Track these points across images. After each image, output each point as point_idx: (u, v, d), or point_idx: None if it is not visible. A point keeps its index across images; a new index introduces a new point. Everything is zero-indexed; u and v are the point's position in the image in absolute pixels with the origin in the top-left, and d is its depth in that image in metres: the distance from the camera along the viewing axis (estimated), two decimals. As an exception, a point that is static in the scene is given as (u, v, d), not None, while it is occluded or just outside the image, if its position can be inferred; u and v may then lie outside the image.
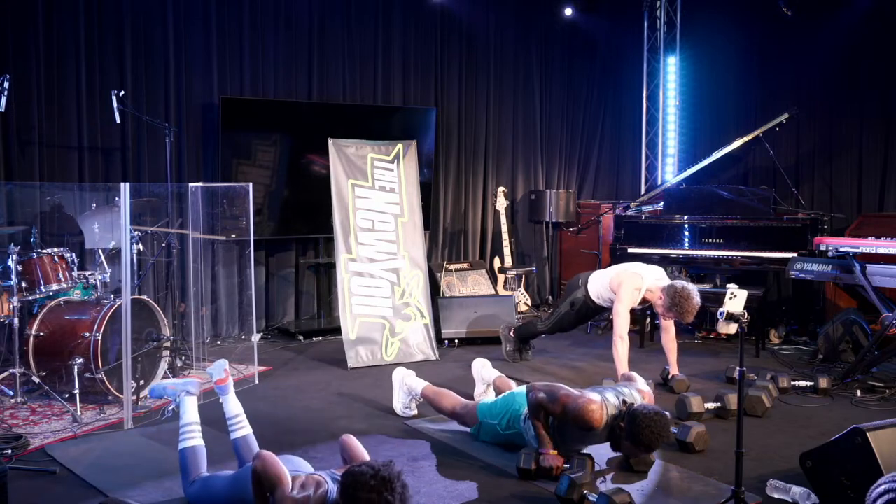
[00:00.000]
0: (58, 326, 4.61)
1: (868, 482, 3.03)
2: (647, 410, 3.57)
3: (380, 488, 2.54)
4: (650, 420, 3.51)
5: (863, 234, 6.01)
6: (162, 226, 5.54)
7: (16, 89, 5.33)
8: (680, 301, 4.63)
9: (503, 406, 3.99)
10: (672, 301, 4.66)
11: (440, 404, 4.30)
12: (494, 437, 4.01)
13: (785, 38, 7.69)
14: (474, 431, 4.12)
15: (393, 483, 2.56)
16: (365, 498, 2.53)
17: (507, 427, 3.93)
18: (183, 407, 3.51)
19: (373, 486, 2.54)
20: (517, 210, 8.49)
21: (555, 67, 8.66)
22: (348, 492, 2.58)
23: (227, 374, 3.63)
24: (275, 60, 6.82)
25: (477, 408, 4.12)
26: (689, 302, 4.62)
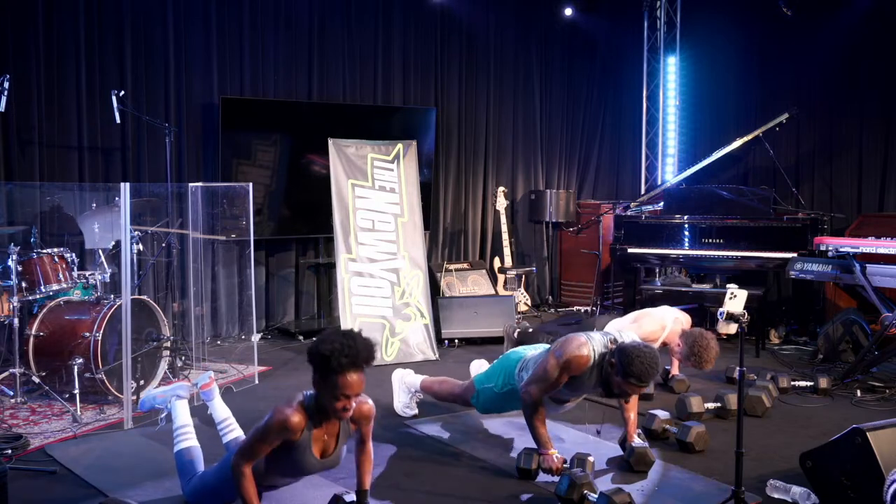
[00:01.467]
0: (58, 326, 4.61)
1: (868, 482, 3.04)
2: (635, 343, 3.51)
3: (340, 339, 2.72)
4: (639, 351, 3.41)
5: (863, 234, 6.01)
6: (162, 226, 5.54)
7: (16, 89, 5.33)
8: (699, 350, 4.40)
9: (496, 368, 4.03)
10: (690, 350, 4.45)
11: (440, 391, 4.32)
12: (493, 400, 4.01)
13: (785, 38, 7.69)
14: (474, 401, 4.12)
15: (354, 335, 2.76)
16: (328, 349, 2.69)
17: (503, 385, 3.92)
18: (175, 411, 3.55)
19: (334, 339, 2.72)
20: (517, 210, 8.49)
21: (555, 67, 8.66)
22: (313, 351, 2.74)
23: (212, 379, 3.67)
24: (275, 60, 6.82)
25: (474, 380, 4.14)
26: (708, 353, 4.40)
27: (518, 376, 3.85)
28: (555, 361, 3.57)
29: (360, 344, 2.75)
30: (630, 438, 3.80)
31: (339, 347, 2.69)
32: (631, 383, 3.43)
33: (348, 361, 2.70)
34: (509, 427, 4.33)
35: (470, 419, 4.48)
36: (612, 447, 3.98)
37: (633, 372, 3.39)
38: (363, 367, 2.77)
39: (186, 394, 3.62)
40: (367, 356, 2.76)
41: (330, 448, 2.97)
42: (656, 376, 3.55)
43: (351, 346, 2.71)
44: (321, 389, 2.79)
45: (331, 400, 2.76)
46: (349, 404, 2.77)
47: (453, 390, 4.25)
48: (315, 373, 2.78)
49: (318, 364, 2.74)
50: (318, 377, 2.77)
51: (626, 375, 3.41)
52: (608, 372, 3.53)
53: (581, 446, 3.95)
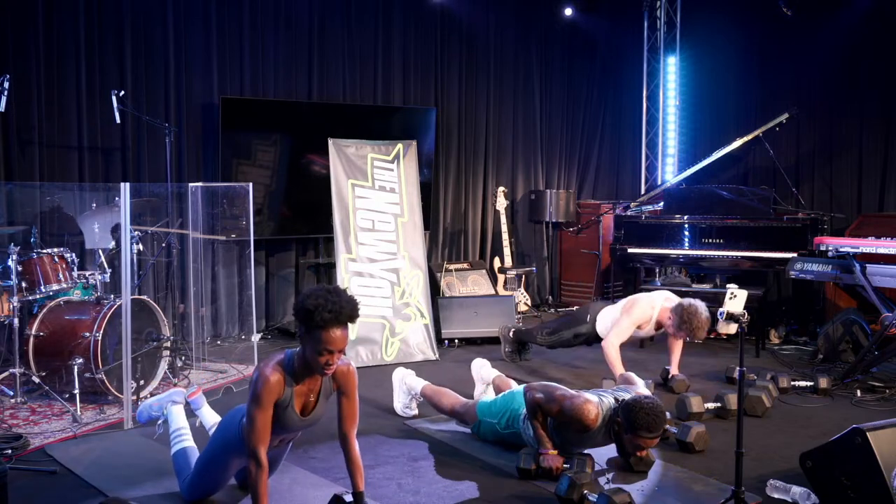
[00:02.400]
0: (58, 326, 4.61)
1: (868, 482, 3.04)
2: (637, 398, 3.60)
3: (324, 294, 2.77)
4: (642, 404, 3.52)
5: (863, 234, 6.01)
6: (162, 226, 5.54)
7: (16, 89, 5.33)
8: (688, 318, 4.59)
9: (502, 405, 3.99)
10: (681, 319, 4.62)
11: (440, 403, 4.31)
12: (493, 435, 4.01)
13: (785, 38, 7.69)
14: (474, 429, 4.13)
15: (338, 290, 2.81)
16: (312, 304, 2.74)
17: (506, 426, 3.93)
18: (171, 417, 3.58)
19: (318, 294, 2.77)
20: (517, 210, 8.49)
21: (555, 67, 8.66)
22: (298, 306, 2.80)
23: (199, 388, 3.75)
24: (275, 60, 6.82)
25: (476, 406, 4.12)
26: (698, 317, 4.57)
27: (524, 424, 3.83)
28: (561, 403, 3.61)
29: (344, 300, 2.80)
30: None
31: (322, 303, 2.75)
32: (641, 436, 3.52)
33: (331, 317, 2.75)
34: (509, 427, 4.33)
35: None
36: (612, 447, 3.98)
37: (639, 425, 3.49)
38: (346, 323, 2.82)
39: (181, 399, 3.66)
40: (351, 312, 2.81)
41: (310, 406, 3.03)
42: (664, 424, 3.61)
43: (335, 302, 2.76)
44: (305, 344, 2.85)
45: (314, 355, 2.82)
46: (332, 359, 2.83)
47: (454, 407, 4.24)
48: (299, 327, 2.85)
49: (303, 318, 2.80)
50: (303, 331, 2.83)
51: (634, 430, 3.52)
52: (617, 432, 3.63)
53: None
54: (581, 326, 5.26)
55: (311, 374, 2.95)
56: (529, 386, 3.78)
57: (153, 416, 3.69)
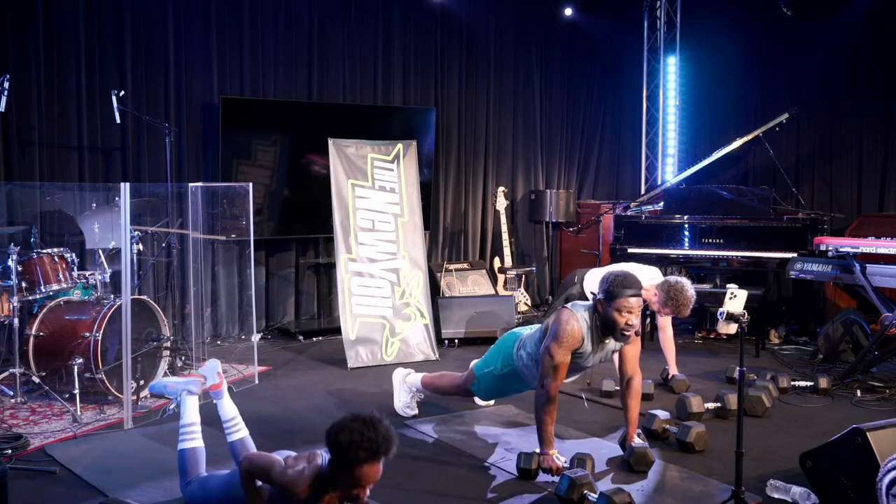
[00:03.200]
0: (58, 326, 4.61)
1: (868, 482, 3.04)
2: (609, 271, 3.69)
3: (361, 428, 2.56)
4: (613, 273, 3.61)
5: (863, 234, 6.01)
6: (162, 226, 5.54)
7: (16, 89, 5.33)
8: (674, 294, 4.54)
9: (493, 351, 4.07)
10: (667, 295, 4.58)
11: (441, 384, 4.35)
12: (494, 382, 4.05)
13: (785, 38, 7.69)
14: (476, 390, 4.16)
15: (375, 422, 2.59)
16: (348, 440, 2.55)
17: (503, 367, 3.97)
18: (184, 406, 3.47)
19: (354, 428, 2.56)
20: (517, 210, 8.49)
21: (555, 67, 8.66)
22: (331, 437, 2.59)
23: (221, 377, 3.61)
24: (275, 60, 6.82)
25: (473, 367, 4.17)
26: (684, 294, 4.53)
27: (517, 355, 3.89)
28: (555, 345, 3.61)
29: (381, 435, 2.58)
30: (630, 438, 3.81)
31: (358, 440, 2.55)
32: (621, 295, 3.52)
33: (367, 455, 2.56)
34: (509, 427, 4.33)
35: (470, 419, 4.48)
36: (612, 447, 3.99)
37: (616, 285, 3.53)
38: (382, 458, 2.62)
39: (198, 389, 3.53)
40: (387, 447, 2.61)
41: None
42: (639, 282, 3.61)
43: (371, 439, 2.55)
44: (337, 472, 2.66)
45: (346, 486, 2.66)
46: (364, 493, 2.67)
47: (454, 382, 4.28)
48: (332, 458, 2.66)
49: (336, 453, 2.61)
50: (336, 464, 2.65)
51: (614, 296, 3.53)
52: (601, 313, 3.62)
53: (581, 446, 3.96)
54: (571, 289, 5.33)
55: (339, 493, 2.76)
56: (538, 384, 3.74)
57: (165, 394, 3.61)
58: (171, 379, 3.74)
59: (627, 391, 3.92)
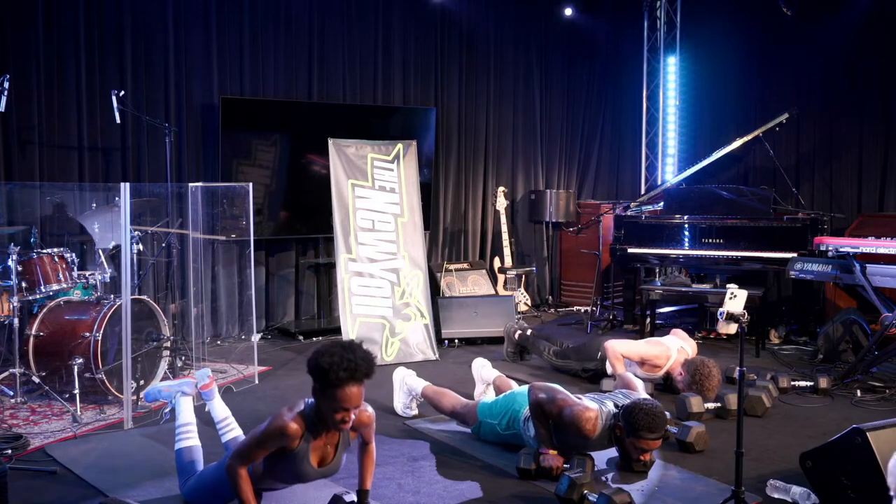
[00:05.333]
0: (58, 326, 4.61)
1: (868, 482, 3.04)
2: (637, 400, 3.61)
3: (340, 351, 2.70)
4: (641, 405, 3.54)
5: (863, 234, 6.01)
6: (162, 226, 5.53)
7: (16, 89, 5.33)
8: (700, 379, 4.59)
9: (503, 406, 3.99)
10: (692, 379, 4.62)
11: (440, 404, 4.31)
12: (494, 436, 4.01)
13: (785, 38, 7.69)
14: (474, 430, 4.13)
15: (353, 346, 2.75)
16: (327, 362, 2.68)
17: (506, 427, 3.93)
18: (179, 408, 3.54)
19: (334, 351, 2.71)
20: (517, 210, 8.49)
21: (555, 67, 8.66)
22: (312, 364, 2.73)
23: (212, 379, 3.67)
24: (275, 60, 6.82)
25: (477, 407, 4.12)
26: (710, 381, 4.58)
27: (525, 425, 3.83)
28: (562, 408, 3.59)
29: (360, 357, 2.73)
30: None
31: (338, 361, 2.68)
32: (642, 437, 3.52)
33: (347, 375, 2.69)
34: (509, 427, 4.33)
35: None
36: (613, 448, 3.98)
37: (640, 426, 3.49)
38: (362, 381, 2.76)
39: (192, 390, 3.61)
40: (367, 370, 2.74)
41: (329, 457, 2.98)
42: (665, 425, 3.61)
43: (350, 360, 2.69)
44: (320, 400, 2.79)
45: (330, 412, 2.77)
46: (348, 416, 2.78)
47: (455, 408, 4.24)
48: (315, 383, 2.78)
49: (317, 376, 2.74)
50: (318, 388, 2.78)
51: (635, 432, 3.52)
52: (619, 437, 3.61)
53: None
54: (590, 363, 5.22)
55: (329, 429, 2.89)
56: (533, 385, 3.77)
57: (160, 399, 3.67)
58: (165, 383, 3.75)
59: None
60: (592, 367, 5.20)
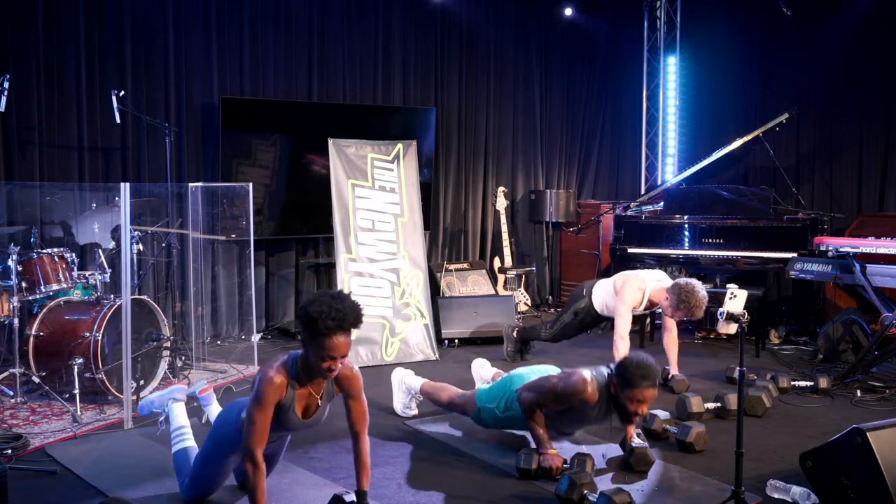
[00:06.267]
0: (58, 326, 4.61)
1: (868, 482, 3.04)
2: (629, 356, 3.60)
3: (329, 301, 2.77)
4: (632, 358, 3.54)
5: (863, 234, 6.01)
6: (162, 226, 5.54)
7: (16, 89, 5.33)
8: (686, 297, 4.58)
9: (500, 389, 4.00)
10: (678, 298, 4.61)
11: (439, 397, 4.31)
12: (493, 420, 4.01)
13: (785, 38, 7.69)
14: (475, 418, 4.12)
15: (342, 296, 2.82)
16: (316, 311, 2.74)
17: (504, 409, 3.92)
18: (172, 414, 3.58)
19: (323, 301, 2.77)
20: (517, 210, 8.49)
21: (555, 67, 8.66)
22: (301, 312, 2.80)
23: (210, 385, 3.76)
24: (275, 60, 6.82)
25: (475, 395, 4.13)
26: (695, 296, 4.57)
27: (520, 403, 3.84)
28: (557, 384, 3.61)
29: (348, 307, 2.80)
30: (630, 438, 3.81)
31: (326, 310, 2.74)
32: (637, 387, 3.47)
33: (335, 324, 2.76)
34: (509, 427, 4.33)
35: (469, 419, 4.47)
36: (612, 447, 3.98)
37: (633, 375, 3.45)
38: (350, 330, 2.83)
39: (183, 396, 3.66)
40: (355, 319, 2.82)
41: (312, 407, 3.04)
42: (658, 373, 3.58)
43: (339, 310, 2.76)
44: (309, 348, 2.86)
45: (317, 360, 2.84)
46: (335, 365, 2.85)
47: (454, 399, 4.24)
48: (303, 332, 2.85)
49: (306, 324, 2.80)
50: (306, 337, 2.84)
51: (630, 384, 3.47)
52: (615, 395, 3.58)
53: (581, 446, 3.95)
54: (579, 302, 5.31)
55: (314, 378, 2.96)
56: (520, 388, 3.77)
57: (154, 410, 3.69)
58: (156, 394, 3.75)
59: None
60: (583, 306, 5.27)
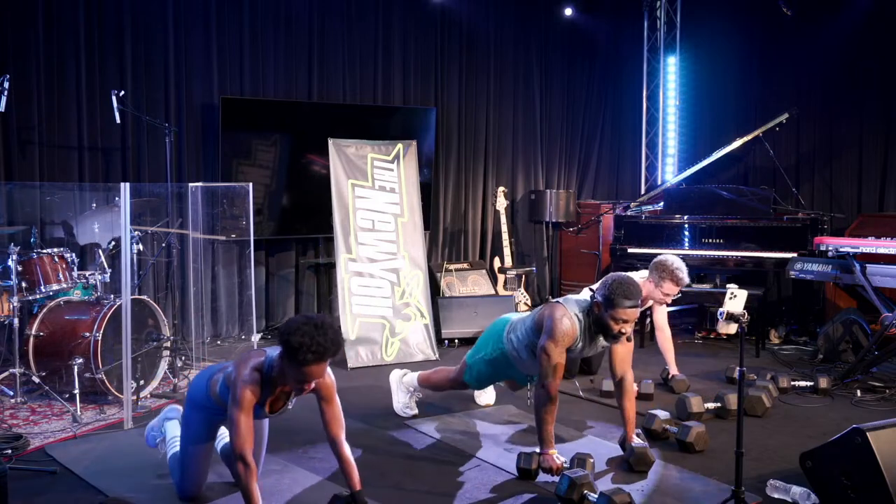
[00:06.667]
0: (58, 326, 4.61)
1: (868, 482, 3.04)
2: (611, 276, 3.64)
3: (312, 332, 2.75)
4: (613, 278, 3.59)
5: (863, 234, 6.01)
6: (162, 226, 5.54)
7: (16, 89, 5.33)
8: (661, 265, 4.60)
9: (484, 338, 4.11)
10: (658, 275, 4.62)
11: (437, 381, 4.36)
12: (485, 366, 4.07)
13: (785, 38, 7.69)
14: (468, 379, 4.17)
15: (325, 327, 2.79)
16: (298, 342, 2.74)
17: (493, 351, 4.00)
18: (166, 427, 3.60)
19: (305, 331, 2.75)
20: (517, 210, 8.48)
21: (555, 67, 8.66)
22: (283, 337, 2.79)
23: None
24: (275, 60, 6.82)
25: (465, 358, 4.20)
26: (669, 262, 4.59)
27: (507, 339, 3.93)
28: (552, 344, 3.63)
29: (330, 340, 2.79)
30: (630, 438, 3.81)
31: (308, 342, 2.74)
32: (619, 306, 3.52)
33: (315, 357, 2.77)
34: (509, 427, 4.34)
35: (470, 419, 4.48)
36: (612, 447, 3.98)
37: (615, 294, 3.51)
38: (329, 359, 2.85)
39: (176, 414, 3.65)
40: (335, 351, 2.84)
41: (280, 403, 3.11)
42: (640, 292, 3.61)
43: (320, 343, 2.76)
44: (286, 367, 2.86)
45: (293, 381, 2.87)
46: (309, 385, 2.89)
47: (448, 375, 4.30)
48: (283, 353, 2.85)
49: (287, 351, 2.81)
50: (286, 359, 2.84)
51: (612, 303, 3.52)
52: (598, 316, 3.62)
53: (581, 446, 3.96)
54: None
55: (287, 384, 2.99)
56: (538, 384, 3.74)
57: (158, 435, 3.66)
58: (153, 421, 3.72)
59: (621, 392, 3.94)
60: None
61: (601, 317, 3.59)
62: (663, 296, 4.71)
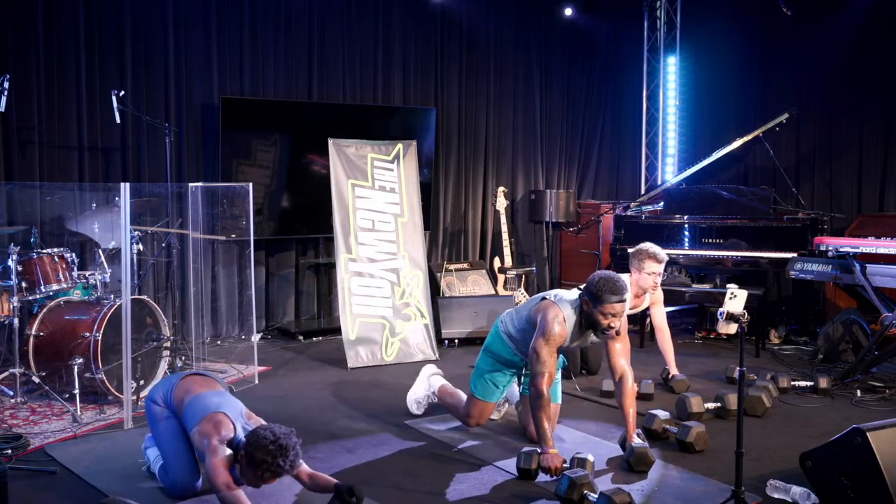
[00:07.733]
0: (58, 326, 4.61)
1: (868, 482, 3.04)
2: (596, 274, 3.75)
3: (276, 453, 2.92)
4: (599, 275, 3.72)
5: (863, 234, 6.01)
6: (162, 226, 5.54)
7: (16, 89, 5.33)
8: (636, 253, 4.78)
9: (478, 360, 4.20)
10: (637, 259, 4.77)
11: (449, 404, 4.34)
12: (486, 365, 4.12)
13: (785, 38, 7.68)
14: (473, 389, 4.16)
15: (288, 452, 2.95)
16: (261, 458, 2.93)
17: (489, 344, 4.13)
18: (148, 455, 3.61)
19: (270, 451, 2.92)
20: (517, 210, 8.48)
21: (555, 67, 8.66)
22: (248, 449, 2.99)
23: None
24: (275, 60, 6.82)
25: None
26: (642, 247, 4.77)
27: (502, 324, 4.08)
28: (543, 343, 3.74)
29: (290, 462, 2.95)
30: (630, 438, 3.81)
31: (269, 462, 2.91)
32: (606, 301, 3.65)
33: (271, 475, 2.97)
34: (509, 427, 4.33)
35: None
36: (612, 447, 3.99)
37: (602, 291, 3.65)
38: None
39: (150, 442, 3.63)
40: (291, 471, 3.01)
41: None
42: (625, 287, 3.73)
43: (279, 466, 2.92)
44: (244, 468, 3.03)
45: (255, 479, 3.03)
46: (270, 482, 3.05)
47: (458, 405, 4.28)
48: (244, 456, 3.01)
49: (248, 458, 2.98)
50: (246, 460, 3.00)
51: (599, 299, 3.66)
52: (587, 313, 3.74)
53: (581, 446, 3.96)
54: None
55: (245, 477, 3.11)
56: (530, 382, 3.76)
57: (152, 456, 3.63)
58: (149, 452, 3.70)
59: (621, 392, 3.95)
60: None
61: (591, 313, 3.73)
62: (650, 276, 4.80)
